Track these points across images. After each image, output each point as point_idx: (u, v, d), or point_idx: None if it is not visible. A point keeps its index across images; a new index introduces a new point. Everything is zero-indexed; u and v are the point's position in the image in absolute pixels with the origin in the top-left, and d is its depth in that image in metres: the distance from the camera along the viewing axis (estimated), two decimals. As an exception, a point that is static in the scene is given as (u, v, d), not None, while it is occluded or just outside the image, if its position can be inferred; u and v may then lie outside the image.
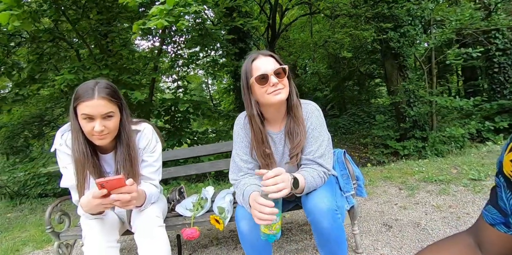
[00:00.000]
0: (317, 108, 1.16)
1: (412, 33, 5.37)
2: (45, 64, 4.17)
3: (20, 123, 5.74)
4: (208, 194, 1.59)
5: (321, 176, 1.05)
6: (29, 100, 4.80)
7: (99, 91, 1.06)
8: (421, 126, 5.46)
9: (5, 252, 2.26)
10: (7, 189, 4.86)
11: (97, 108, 1.05)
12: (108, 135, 1.10)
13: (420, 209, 2.01)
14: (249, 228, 1.05)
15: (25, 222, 3.19)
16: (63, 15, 3.66)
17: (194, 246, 1.90)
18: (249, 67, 1.08)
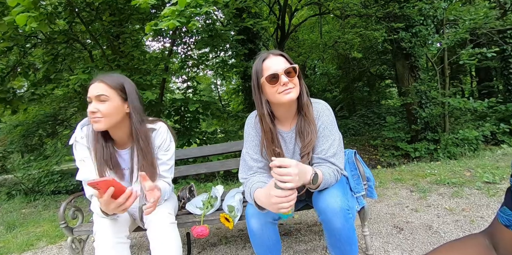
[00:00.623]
0: (327, 108, 1.16)
1: (424, 33, 5.27)
2: (59, 65, 4.29)
3: (35, 122, 5.91)
4: (218, 192, 1.60)
5: (335, 174, 1.05)
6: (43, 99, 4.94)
7: (101, 77, 1.16)
8: (433, 128, 5.35)
9: (20, 246, 2.33)
10: (22, 186, 5.01)
11: (92, 90, 1.13)
12: (102, 119, 1.12)
13: (432, 211, 1.98)
14: (259, 227, 1.05)
15: (39, 217, 3.27)
16: (77, 17, 3.76)
17: (203, 244, 1.91)
18: (260, 67, 1.08)
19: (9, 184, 5.53)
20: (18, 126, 5.95)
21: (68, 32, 4.02)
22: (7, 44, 3.47)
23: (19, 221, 3.18)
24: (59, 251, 2.18)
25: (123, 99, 1.17)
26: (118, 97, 1.16)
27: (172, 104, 4.77)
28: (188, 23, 2.51)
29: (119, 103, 1.16)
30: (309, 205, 1.35)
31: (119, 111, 1.16)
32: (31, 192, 4.79)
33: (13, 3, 2.47)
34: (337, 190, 1.02)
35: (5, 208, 4.22)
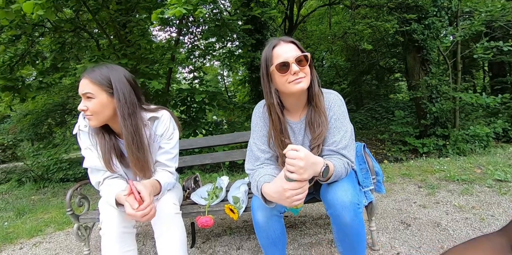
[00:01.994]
0: (339, 98, 1.11)
1: (438, 25, 5.07)
2: (67, 54, 4.28)
3: (44, 111, 5.98)
4: (223, 183, 1.59)
5: (345, 166, 1.01)
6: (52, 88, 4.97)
7: (87, 73, 1.12)
8: (443, 123, 5.23)
9: (29, 231, 2.38)
10: (32, 173, 5.11)
11: (80, 88, 1.12)
12: (92, 116, 1.12)
13: (440, 208, 1.94)
14: (265, 219, 1.03)
15: (48, 204, 3.35)
16: (84, 5, 3.71)
17: (207, 234, 1.92)
18: (270, 55, 1.03)
19: (20, 171, 5.66)
20: (28, 115, 6.03)
21: (75, 21, 3.99)
22: (14, 33, 3.46)
23: (28, 207, 3.25)
24: (66, 237, 2.22)
25: (110, 94, 1.12)
26: (104, 93, 1.11)
27: (179, 95, 4.75)
28: (195, 11, 2.46)
29: (105, 99, 1.12)
30: (316, 198, 1.33)
31: (107, 107, 1.13)
32: (40, 179, 4.89)
33: None
34: (348, 184, 0.99)
35: (15, 194, 4.33)
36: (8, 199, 4.01)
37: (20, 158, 6.28)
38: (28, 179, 4.94)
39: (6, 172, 6.07)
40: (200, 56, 5.51)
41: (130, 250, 1.17)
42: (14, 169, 6.12)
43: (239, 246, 1.70)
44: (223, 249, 1.68)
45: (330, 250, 1.54)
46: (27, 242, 2.21)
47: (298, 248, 1.59)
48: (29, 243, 2.19)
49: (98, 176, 1.24)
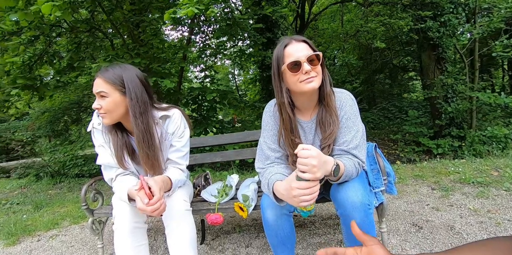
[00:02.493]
0: (351, 97, 1.10)
1: (454, 22, 4.92)
2: (82, 53, 4.40)
3: (61, 108, 6.17)
4: (233, 181, 1.60)
5: (356, 166, 1.00)
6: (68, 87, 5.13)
7: (100, 72, 1.15)
8: (459, 124, 5.08)
9: (46, 224, 2.48)
10: (49, 168, 5.31)
11: (94, 86, 1.15)
12: (105, 114, 1.15)
13: (454, 211, 1.89)
14: (274, 218, 1.04)
15: (64, 198, 3.47)
16: (98, 6, 3.81)
17: (217, 231, 1.94)
18: (281, 53, 1.03)
19: (37, 166, 5.88)
20: (45, 112, 6.25)
21: (90, 21, 4.10)
22: (33, 33, 3.59)
23: (45, 201, 3.38)
24: (81, 231, 2.30)
25: (123, 93, 1.15)
26: (117, 92, 1.14)
27: (190, 93, 4.80)
28: (207, 11, 2.48)
29: (118, 98, 1.15)
30: (326, 198, 1.32)
31: (120, 106, 1.16)
32: (57, 175, 5.07)
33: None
34: (358, 184, 0.98)
35: (33, 188, 4.50)
36: (27, 193, 4.18)
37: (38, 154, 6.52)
38: (45, 174, 5.13)
39: (25, 167, 6.32)
40: (211, 55, 5.55)
41: (142, 244, 1.20)
42: (32, 164, 6.36)
43: (248, 244, 1.71)
44: (232, 247, 1.70)
45: (339, 250, 1.53)
46: (44, 235, 2.30)
47: (307, 247, 1.59)
48: (46, 235, 2.28)
49: (111, 172, 1.28)
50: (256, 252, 1.61)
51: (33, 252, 1.98)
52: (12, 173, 6.60)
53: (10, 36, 3.44)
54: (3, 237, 2.29)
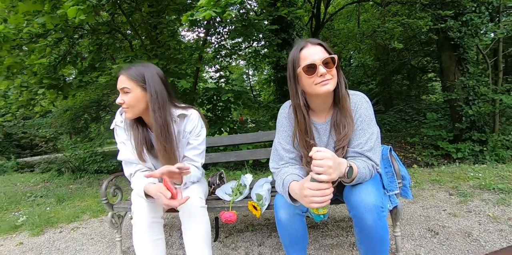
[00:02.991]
0: (366, 100, 1.10)
1: (476, 22, 4.72)
2: (103, 54, 4.57)
3: (81, 107, 6.43)
4: (247, 181, 1.63)
5: (370, 169, 1.01)
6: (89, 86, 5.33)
7: (124, 70, 1.25)
8: (480, 127, 4.88)
9: (68, 217, 2.61)
10: (70, 164, 5.55)
11: (118, 83, 1.24)
12: (128, 109, 1.23)
13: (472, 218, 1.84)
14: (288, 217, 1.05)
15: (84, 193, 3.62)
16: (119, 8, 3.95)
17: (230, 229, 1.98)
18: (297, 56, 1.05)
19: (59, 161, 6.16)
20: (67, 111, 6.53)
21: (110, 23, 4.25)
22: (58, 35, 3.77)
23: (67, 195, 3.54)
24: (100, 224, 2.40)
25: (144, 89, 1.23)
26: (139, 88, 1.22)
27: (205, 93, 4.88)
28: (224, 13, 2.52)
29: (140, 94, 1.22)
30: (339, 199, 1.32)
31: (141, 101, 1.23)
32: (77, 170, 5.29)
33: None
34: (372, 186, 0.98)
35: (55, 183, 4.72)
36: (49, 186, 4.39)
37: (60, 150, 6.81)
38: (66, 169, 5.37)
39: (48, 162, 6.64)
40: (226, 56, 5.62)
41: (159, 238, 1.25)
42: (54, 160, 6.67)
43: (261, 242, 1.74)
44: (245, 245, 1.73)
45: (352, 253, 1.53)
46: (66, 227, 2.42)
47: (319, 248, 1.60)
48: (67, 227, 2.40)
49: (130, 168, 1.34)
50: (269, 251, 1.63)
51: (56, 242, 2.09)
52: (36, 168, 6.95)
53: (37, 38, 3.63)
54: (28, 227, 2.43)
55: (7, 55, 3.22)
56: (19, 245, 2.10)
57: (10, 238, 2.28)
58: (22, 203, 3.41)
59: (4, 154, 9.06)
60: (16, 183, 5.12)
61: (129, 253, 1.77)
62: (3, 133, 9.51)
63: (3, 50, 3.14)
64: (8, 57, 3.26)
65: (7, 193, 4.11)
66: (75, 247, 1.97)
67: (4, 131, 9.55)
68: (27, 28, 3.18)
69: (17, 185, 4.93)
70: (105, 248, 1.92)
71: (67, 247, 1.98)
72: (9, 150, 9.71)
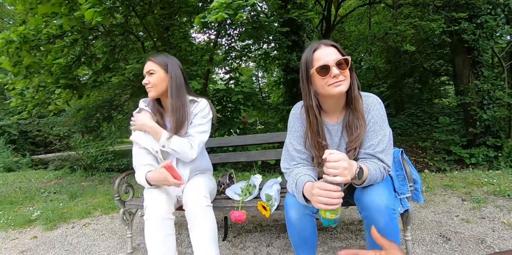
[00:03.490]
0: (379, 101, 1.10)
1: (492, 24, 4.61)
2: (117, 55, 4.68)
3: (94, 106, 6.57)
4: (256, 181, 1.64)
5: (381, 171, 1.00)
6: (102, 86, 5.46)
7: (151, 56, 1.46)
8: (495, 133, 4.75)
9: (80, 213, 2.67)
10: (82, 162, 5.67)
11: (146, 67, 1.44)
12: (152, 88, 1.42)
13: (486, 224, 1.79)
14: (298, 217, 1.06)
15: (96, 190, 3.69)
16: (132, 10, 4.04)
17: (239, 229, 1.99)
18: (310, 57, 1.06)
19: (72, 159, 6.31)
20: (80, 110, 6.68)
21: (124, 25, 4.35)
22: (75, 37, 3.88)
23: (79, 191, 3.62)
24: (111, 221, 2.45)
25: (166, 72, 1.43)
26: (162, 70, 1.42)
27: (215, 94, 4.93)
28: (235, 15, 2.55)
29: (163, 75, 1.42)
30: (349, 201, 1.31)
31: (164, 81, 1.43)
32: (89, 168, 5.40)
33: (83, 0, 2.77)
34: (383, 188, 0.98)
35: (68, 179, 4.84)
36: (62, 183, 4.50)
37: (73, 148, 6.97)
38: (79, 167, 5.49)
39: (61, 159, 6.80)
40: (236, 58, 5.65)
41: (170, 234, 1.28)
42: (68, 157, 6.83)
43: (269, 243, 1.74)
44: (253, 245, 1.73)
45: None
46: (78, 222, 2.48)
47: (328, 251, 1.59)
48: (79, 223, 2.46)
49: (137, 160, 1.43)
50: (277, 252, 1.63)
51: (68, 237, 2.14)
52: (49, 165, 7.13)
53: (54, 39, 3.75)
54: (42, 222, 2.50)
55: (26, 55, 3.33)
56: (33, 239, 2.16)
57: (25, 231, 2.35)
58: (36, 198, 3.51)
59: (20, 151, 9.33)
60: (31, 179, 5.27)
61: (139, 250, 1.80)
62: (18, 130, 9.81)
63: (22, 50, 3.26)
64: (27, 57, 3.37)
65: (22, 188, 4.23)
66: (87, 243, 2.02)
67: (20, 129, 9.85)
68: (45, 30, 3.29)
69: (31, 181, 5.07)
70: (115, 244, 1.96)
71: (79, 242, 2.03)
72: (24, 147, 10.00)
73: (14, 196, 3.59)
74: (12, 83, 3.81)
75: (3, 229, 2.43)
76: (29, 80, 3.77)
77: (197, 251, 1.26)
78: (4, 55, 3.24)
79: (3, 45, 3.08)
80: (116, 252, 1.82)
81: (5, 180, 5.24)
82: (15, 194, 3.74)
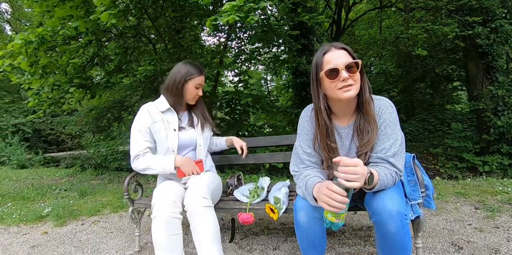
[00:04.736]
0: (391, 105, 1.09)
1: (507, 29, 4.51)
2: (129, 57, 4.78)
3: (106, 107, 6.71)
4: (265, 183, 1.64)
5: (393, 175, 0.99)
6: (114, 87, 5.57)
7: (204, 70, 1.66)
8: (510, 140, 4.62)
9: (89, 211, 2.71)
10: (92, 160, 5.78)
11: (202, 80, 1.64)
12: (199, 98, 1.71)
13: (500, 234, 1.74)
14: (307, 220, 1.05)
15: (105, 189, 3.75)
16: (145, 13, 4.13)
17: (245, 232, 1.98)
18: (320, 60, 1.06)
19: (83, 158, 6.43)
20: (92, 110, 6.83)
21: (137, 28, 4.45)
22: (90, 38, 3.99)
23: (89, 189, 3.69)
24: (119, 219, 2.48)
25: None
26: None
27: (224, 97, 4.96)
28: (247, 18, 2.57)
29: None
30: (359, 206, 1.30)
31: None
32: (99, 167, 5.49)
33: (98, 3, 2.85)
34: (395, 193, 0.96)
35: (79, 178, 4.93)
36: (73, 181, 4.59)
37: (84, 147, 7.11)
38: (89, 166, 5.59)
39: (72, 158, 6.94)
40: (246, 61, 5.69)
41: (176, 234, 1.29)
42: (79, 156, 6.96)
43: (276, 246, 1.73)
44: (260, 248, 1.73)
45: (370, 262, 1.49)
46: (87, 219, 2.52)
47: (335, 256, 1.57)
48: (89, 220, 2.50)
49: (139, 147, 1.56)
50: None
51: (77, 234, 2.18)
52: (61, 163, 7.29)
53: (70, 40, 3.85)
54: (53, 218, 2.55)
55: (43, 56, 3.43)
56: (44, 234, 2.21)
57: (36, 227, 2.40)
58: (48, 195, 3.59)
59: (33, 148, 9.57)
60: (43, 176, 5.40)
61: (147, 249, 1.82)
62: (32, 128, 10.08)
63: (40, 51, 3.36)
64: (44, 58, 3.47)
65: (35, 185, 4.34)
66: (96, 240, 2.05)
67: (34, 127, 10.12)
68: (62, 31, 3.39)
69: (43, 178, 5.19)
70: (123, 242, 1.98)
71: (88, 239, 2.06)
72: (37, 145, 10.26)
73: (27, 192, 3.68)
74: (28, 83, 3.92)
75: (16, 224, 2.49)
76: (45, 80, 3.87)
77: (200, 252, 1.27)
78: (23, 55, 3.35)
79: (22, 45, 3.19)
80: (123, 250, 1.84)
81: (18, 176, 5.38)
82: (27, 190, 3.83)
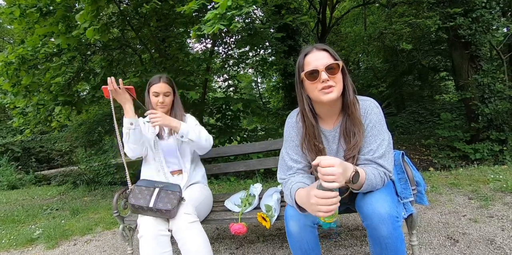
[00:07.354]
0: (376, 105, 1.08)
1: (487, 18, 4.59)
2: (114, 69, 4.72)
3: (95, 120, 6.61)
4: (256, 190, 1.61)
5: (381, 176, 0.97)
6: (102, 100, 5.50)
7: (161, 77, 1.62)
8: (499, 126, 4.68)
9: (82, 229, 2.65)
10: (84, 176, 5.67)
11: (161, 88, 1.58)
12: (165, 108, 1.60)
13: (495, 223, 1.74)
14: (298, 229, 1.02)
15: (98, 205, 3.67)
16: (128, 24, 4.09)
17: (241, 241, 1.95)
18: (301, 62, 1.05)
19: (75, 174, 6.31)
20: (82, 125, 6.73)
21: (120, 39, 4.40)
22: (73, 54, 3.92)
23: (81, 207, 3.61)
24: (113, 236, 2.42)
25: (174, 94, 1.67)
26: (172, 92, 1.65)
27: (214, 103, 4.94)
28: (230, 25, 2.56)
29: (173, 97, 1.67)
30: (350, 208, 1.28)
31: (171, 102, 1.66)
32: (92, 182, 5.39)
33: (82, 20, 2.80)
34: (385, 195, 0.94)
35: (71, 195, 4.83)
36: (65, 199, 4.49)
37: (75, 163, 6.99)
38: (81, 182, 5.49)
39: (63, 175, 6.81)
40: (234, 65, 5.69)
41: (166, 251, 1.25)
42: (70, 173, 6.84)
43: (272, 254, 1.70)
44: (256, 257, 1.70)
45: (368, 263, 1.47)
46: (80, 239, 2.45)
47: (333, 259, 1.55)
48: (81, 240, 2.43)
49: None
50: (281, 263, 1.59)
51: (71, 256, 2.12)
52: (52, 180, 7.14)
53: (51, 57, 3.79)
54: (43, 240, 2.48)
55: (25, 75, 3.36)
56: (36, 259, 2.14)
57: (27, 251, 2.33)
58: (39, 216, 3.50)
59: (24, 167, 9.38)
60: (34, 196, 5.27)
61: (141, 266, 1.77)
62: (21, 147, 9.88)
63: (21, 70, 3.29)
64: (26, 77, 3.40)
65: (25, 206, 4.23)
66: (89, 261, 1.99)
67: (23, 146, 9.92)
68: (43, 49, 3.32)
69: (34, 198, 5.07)
70: (118, 261, 1.92)
71: (81, 261, 2.00)
72: (27, 164, 10.04)
73: (17, 215, 3.58)
74: (12, 102, 3.84)
75: (5, 249, 2.41)
76: (29, 99, 3.79)
77: None
78: (3, 77, 3.28)
79: (3, 67, 3.12)
80: (118, 269, 1.79)
81: (8, 198, 5.25)
82: (17, 212, 3.73)
